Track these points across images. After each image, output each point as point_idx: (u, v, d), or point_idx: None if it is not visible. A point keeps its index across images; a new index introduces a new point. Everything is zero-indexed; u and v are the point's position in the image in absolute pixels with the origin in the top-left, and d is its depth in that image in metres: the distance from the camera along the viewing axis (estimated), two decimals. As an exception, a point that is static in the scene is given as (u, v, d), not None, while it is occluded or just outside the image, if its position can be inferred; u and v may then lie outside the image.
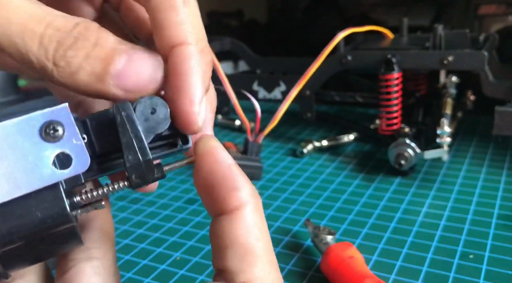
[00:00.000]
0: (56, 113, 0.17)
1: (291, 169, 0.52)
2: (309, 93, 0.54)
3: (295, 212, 0.43)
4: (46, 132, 0.17)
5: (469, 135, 0.57)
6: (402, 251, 0.36)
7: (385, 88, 0.48)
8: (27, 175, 0.17)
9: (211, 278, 0.34)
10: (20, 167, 0.17)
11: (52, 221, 0.17)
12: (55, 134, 0.17)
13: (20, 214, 0.17)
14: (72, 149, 0.17)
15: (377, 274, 0.32)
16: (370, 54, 0.50)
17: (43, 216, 0.17)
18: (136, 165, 0.18)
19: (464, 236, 0.37)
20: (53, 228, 0.17)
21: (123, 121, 0.18)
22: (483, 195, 0.43)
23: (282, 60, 0.66)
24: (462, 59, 0.46)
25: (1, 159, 0.17)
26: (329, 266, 0.32)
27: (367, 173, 0.49)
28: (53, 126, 0.17)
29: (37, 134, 0.17)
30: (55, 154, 0.17)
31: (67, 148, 0.17)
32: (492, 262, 0.34)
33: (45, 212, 0.17)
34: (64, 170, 0.17)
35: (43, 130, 0.17)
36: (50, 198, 0.17)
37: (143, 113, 0.19)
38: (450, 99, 0.51)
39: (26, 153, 0.17)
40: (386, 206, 0.42)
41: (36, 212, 0.17)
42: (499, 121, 0.42)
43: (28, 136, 0.17)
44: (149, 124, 0.19)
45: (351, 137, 0.57)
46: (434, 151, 0.45)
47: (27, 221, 0.17)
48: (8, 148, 0.17)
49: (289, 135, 0.61)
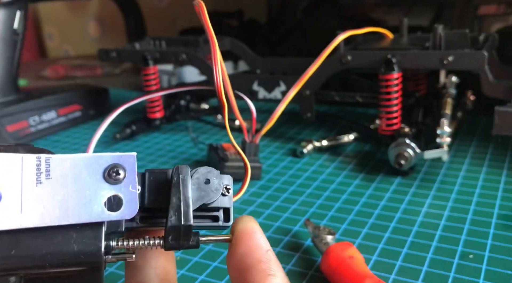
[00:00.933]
0: (124, 159, 0.18)
1: (291, 169, 0.52)
2: (309, 93, 0.54)
3: (295, 212, 0.43)
4: (109, 173, 0.18)
5: (469, 135, 0.57)
6: (402, 251, 0.36)
7: (385, 88, 0.48)
8: (80, 207, 0.18)
9: (211, 278, 0.34)
10: (76, 198, 0.18)
11: (85, 258, 0.18)
12: (116, 177, 0.18)
13: (58, 242, 0.18)
14: (126, 195, 0.18)
15: (377, 274, 0.32)
16: (370, 54, 0.50)
17: (78, 250, 0.18)
18: (176, 227, 0.19)
19: (464, 236, 0.37)
20: (82, 265, 0.18)
21: (178, 183, 0.19)
22: (483, 194, 0.43)
23: (282, 60, 0.66)
24: (462, 59, 0.46)
25: (62, 186, 0.18)
26: (329, 266, 0.32)
27: (367, 173, 0.49)
28: (117, 169, 0.18)
29: (101, 172, 0.18)
30: (110, 195, 0.18)
31: (122, 193, 0.18)
32: (492, 262, 0.34)
33: (82, 247, 0.18)
34: (112, 212, 0.18)
35: (107, 170, 0.18)
36: (91, 235, 0.18)
37: (198, 181, 0.20)
38: (450, 99, 0.51)
39: (85, 187, 0.18)
40: (386, 206, 0.42)
41: (73, 244, 0.18)
42: (499, 121, 0.42)
43: (92, 172, 0.18)
44: (200, 193, 0.20)
45: (351, 138, 0.57)
46: (434, 151, 0.45)
47: (62, 250, 0.18)
48: (71, 178, 0.18)
49: (289, 135, 0.61)
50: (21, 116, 0.63)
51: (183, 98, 0.67)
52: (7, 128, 0.60)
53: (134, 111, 0.72)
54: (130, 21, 1.03)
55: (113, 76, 1.06)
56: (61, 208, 0.17)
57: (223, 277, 0.34)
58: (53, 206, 0.17)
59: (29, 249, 0.17)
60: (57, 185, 0.18)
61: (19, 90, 0.66)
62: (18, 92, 0.65)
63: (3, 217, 0.17)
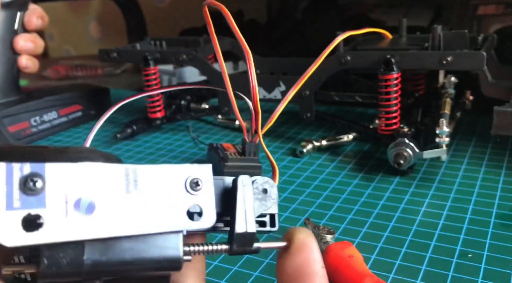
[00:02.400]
0: (202, 170, 0.20)
1: (291, 168, 0.52)
2: (309, 93, 0.54)
3: (295, 211, 0.43)
4: (190, 184, 0.19)
5: (468, 135, 0.57)
6: (401, 250, 0.36)
7: (384, 88, 0.49)
8: (165, 216, 0.18)
9: (212, 278, 0.34)
10: (161, 208, 0.18)
11: (167, 264, 0.19)
12: (196, 188, 0.19)
13: (143, 249, 0.18)
14: (204, 204, 0.19)
15: (376, 273, 0.32)
16: (369, 54, 0.50)
17: (161, 255, 0.19)
18: (243, 235, 0.20)
19: (462, 235, 0.37)
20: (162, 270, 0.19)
21: (242, 192, 0.20)
22: (481, 194, 0.43)
23: (282, 60, 0.66)
24: (461, 59, 0.46)
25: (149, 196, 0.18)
26: (328, 265, 0.32)
27: (366, 172, 0.49)
28: (196, 180, 0.19)
29: (182, 183, 0.19)
30: (190, 205, 0.19)
31: (201, 203, 0.19)
32: (490, 261, 0.34)
33: (164, 254, 0.19)
34: (193, 221, 0.19)
35: (189, 181, 0.19)
36: (172, 242, 0.19)
37: (257, 190, 0.21)
38: (449, 99, 0.51)
39: (169, 197, 0.19)
40: (385, 205, 0.43)
41: (155, 251, 0.18)
42: (497, 121, 0.43)
43: (175, 183, 0.19)
44: (260, 202, 0.21)
45: (350, 137, 0.57)
46: (433, 150, 0.45)
47: (147, 256, 0.18)
48: (157, 189, 0.19)
49: (288, 135, 0.62)
50: (23, 116, 0.63)
51: (183, 98, 0.67)
52: (8, 128, 0.60)
53: (134, 111, 0.73)
54: (131, 21, 1.03)
55: (114, 77, 1.07)
56: (148, 217, 0.18)
57: (224, 276, 0.34)
58: (141, 215, 0.18)
59: (118, 255, 0.18)
60: (144, 195, 0.18)
61: (20, 90, 0.66)
62: (19, 93, 0.65)
63: (97, 226, 0.17)
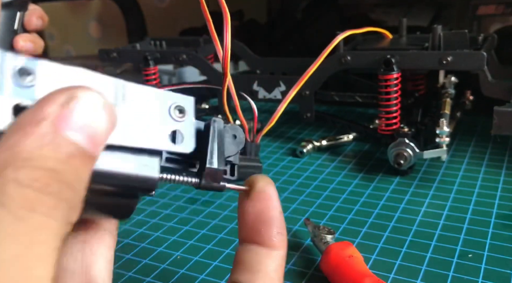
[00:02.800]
0: (186, 101, 0.21)
1: (291, 168, 0.52)
2: (309, 93, 0.54)
3: (295, 211, 0.43)
4: (174, 110, 0.20)
5: (468, 135, 0.57)
6: (401, 250, 0.36)
7: (384, 88, 0.49)
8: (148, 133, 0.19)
9: (212, 278, 0.34)
10: (145, 125, 0.19)
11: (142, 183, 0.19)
12: (179, 115, 0.20)
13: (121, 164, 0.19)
14: (186, 132, 0.20)
15: (376, 273, 0.32)
16: (370, 54, 0.50)
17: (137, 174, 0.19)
18: (213, 170, 0.21)
19: (463, 235, 0.37)
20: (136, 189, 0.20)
21: (214, 133, 0.22)
22: (481, 194, 0.43)
23: (282, 60, 0.66)
24: (461, 59, 0.46)
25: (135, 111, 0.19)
26: (328, 265, 0.32)
27: (366, 172, 0.49)
28: (180, 108, 0.20)
29: (167, 108, 0.20)
30: (173, 129, 0.20)
31: (182, 130, 0.20)
32: (491, 261, 0.34)
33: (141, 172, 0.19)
34: (174, 144, 0.20)
35: (172, 107, 0.20)
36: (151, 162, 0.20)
37: (228, 134, 0.23)
38: (449, 99, 0.51)
39: (154, 117, 0.19)
40: (386, 205, 0.43)
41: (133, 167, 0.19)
42: (497, 121, 0.43)
43: (161, 106, 0.20)
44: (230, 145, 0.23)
45: (350, 137, 0.57)
46: (433, 150, 0.45)
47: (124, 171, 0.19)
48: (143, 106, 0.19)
49: (288, 135, 0.62)
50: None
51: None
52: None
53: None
54: (131, 21, 1.03)
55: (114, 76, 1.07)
56: (132, 130, 0.19)
57: (224, 276, 0.34)
58: (125, 127, 0.18)
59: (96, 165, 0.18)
60: (130, 109, 0.19)
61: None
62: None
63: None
